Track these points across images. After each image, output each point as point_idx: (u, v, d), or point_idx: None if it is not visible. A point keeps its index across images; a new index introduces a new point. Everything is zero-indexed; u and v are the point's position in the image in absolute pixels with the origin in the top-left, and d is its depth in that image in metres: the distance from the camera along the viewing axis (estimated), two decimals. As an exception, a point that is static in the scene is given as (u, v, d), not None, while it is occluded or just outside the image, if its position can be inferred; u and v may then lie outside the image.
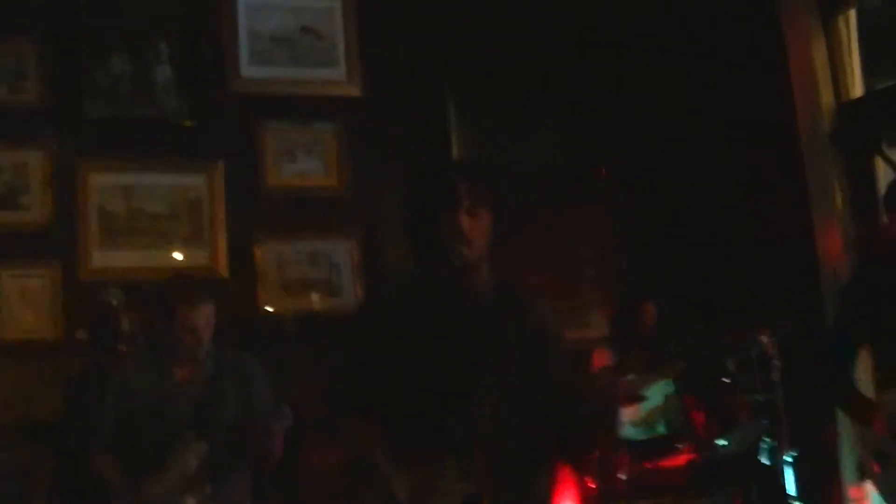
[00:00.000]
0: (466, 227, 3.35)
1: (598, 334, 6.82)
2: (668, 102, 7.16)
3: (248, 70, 6.62)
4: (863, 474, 5.14)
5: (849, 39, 6.56)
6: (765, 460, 5.82)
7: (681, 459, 5.85)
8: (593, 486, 5.77)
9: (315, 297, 6.28)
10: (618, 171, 7.20)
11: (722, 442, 5.91)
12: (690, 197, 7.10)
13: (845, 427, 5.77)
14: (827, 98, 6.52)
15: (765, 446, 5.83)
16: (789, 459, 5.60)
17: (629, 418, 6.15)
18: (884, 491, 4.94)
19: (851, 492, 5.78)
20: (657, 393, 6.23)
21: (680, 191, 7.10)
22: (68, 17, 6.31)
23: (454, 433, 3.26)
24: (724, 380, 6.04)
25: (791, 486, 5.57)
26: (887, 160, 6.35)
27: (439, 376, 3.34)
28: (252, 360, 5.10)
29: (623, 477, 5.74)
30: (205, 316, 4.86)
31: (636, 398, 5.91)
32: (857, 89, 6.53)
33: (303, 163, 6.61)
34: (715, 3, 7.07)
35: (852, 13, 6.54)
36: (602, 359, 6.40)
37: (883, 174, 6.40)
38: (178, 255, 6.23)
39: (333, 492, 3.89)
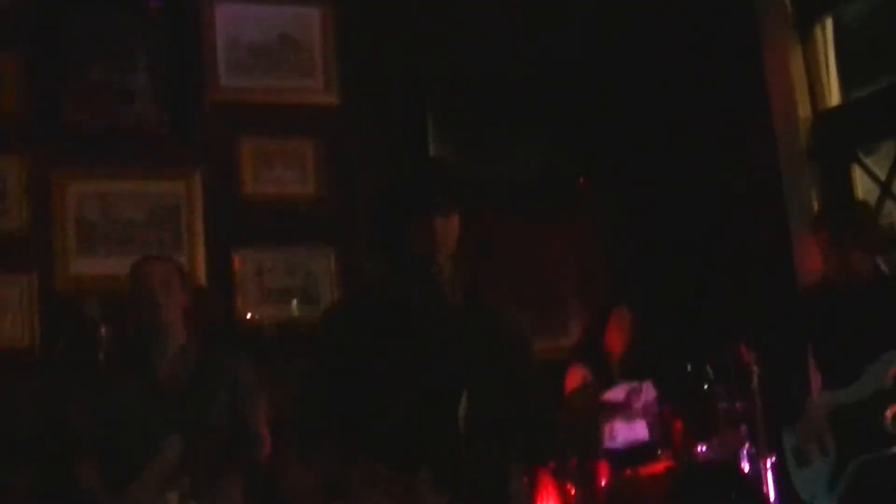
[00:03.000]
0: (440, 232, 3.32)
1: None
2: (646, 115, 7.18)
3: (226, 79, 6.60)
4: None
5: (825, 49, 6.59)
6: (745, 467, 5.84)
7: (660, 467, 5.86)
8: (573, 493, 5.77)
9: (294, 305, 6.26)
10: (598, 183, 7.21)
11: (701, 450, 5.93)
12: (668, 209, 7.12)
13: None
14: (804, 108, 6.55)
15: (744, 453, 5.85)
16: (769, 466, 5.62)
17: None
18: (800, 488, 5.07)
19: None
20: None
21: (658, 203, 7.12)
22: (47, 26, 6.29)
23: (430, 444, 3.23)
24: (703, 388, 6.06)
25: (771, 493, 5.58)
26: (865, 169, 6.39)
27: (414, 386, 3.31)
28: (240, 360, 4.87)
29: (603, 484, 5.75)
30: (158, 275, 4.70)
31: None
32: (834, 99, 6.56)
33: (280, 172, 6.59)
34: (692, 15, 7.09)
35: (829, 22, 6.58)
36: (577, 375, 6.41)
37: (860, 184, 6.44)
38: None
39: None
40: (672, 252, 7.10)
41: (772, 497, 5.58)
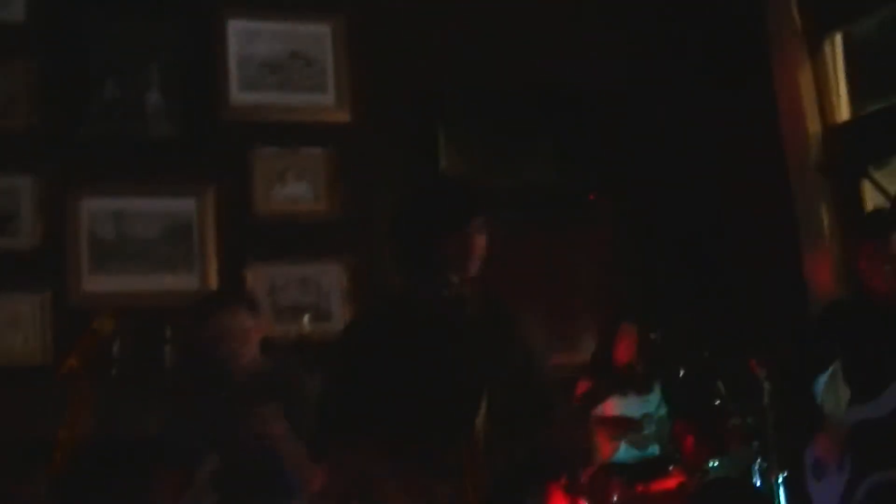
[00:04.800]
0: (476, 248, 3.36)
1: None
2: (656, 129, 7.18)
3: (238, 96, 6.62)
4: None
5: (835, 64, 6.61)
6: (756, 483, 5.85)
7: (672, 483, 5.86)
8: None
9: (305, 321, 6.27)
10: (608, 195, 7.21)
11: (713, 465, 5.93)
12: (679, 223, 7.13)
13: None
14: (814, 123, 6.56)
15: (756, 469, 5.85)
16: (780, 481, 5.62)
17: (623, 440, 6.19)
18: (815, 500, 5.07)
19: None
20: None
21: (668, 217, 7.13)
22: (60, 42, 6.32)
23: (448, 454, 3.24)
24: (715, 403, 6.06)
25: (783, 508, 5.60)
26: (875, 184, 6.39)
27: (431, 396, 3.33)
28: (290, 373, 4.69)
29: (615, 499, 5.75)
30: (234, 329, 4.61)
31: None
32: (844, 114, 6.57)
33: (293, 188, 6.61)
34: (702, 29, 7.11)
35: (838, 38, 6.59)
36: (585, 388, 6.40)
37: (870, 199, 6.44)
38: (168, 280, 6.20)
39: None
40: (682, 265, 7.11)
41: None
